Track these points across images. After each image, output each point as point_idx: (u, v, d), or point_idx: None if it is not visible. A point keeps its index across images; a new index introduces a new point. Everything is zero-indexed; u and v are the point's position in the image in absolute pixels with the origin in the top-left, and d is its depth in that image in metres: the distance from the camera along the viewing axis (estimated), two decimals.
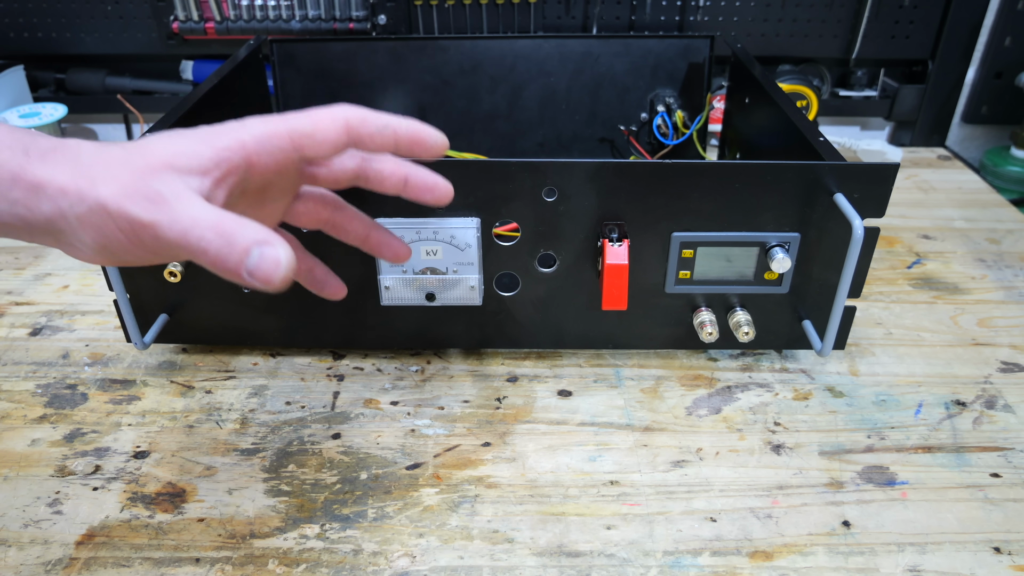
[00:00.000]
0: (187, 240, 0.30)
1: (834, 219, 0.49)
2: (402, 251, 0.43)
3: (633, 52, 0.78)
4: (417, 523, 0.44)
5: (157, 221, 0.30)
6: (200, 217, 0.30)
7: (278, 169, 0.34)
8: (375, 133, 0.35)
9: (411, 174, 0.39)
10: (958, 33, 0.92)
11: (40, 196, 0.30)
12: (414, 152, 0.36)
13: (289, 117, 0.34)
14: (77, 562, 0.41)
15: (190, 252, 0.30)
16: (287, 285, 0.30)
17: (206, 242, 0.29)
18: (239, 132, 0.33)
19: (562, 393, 0.54)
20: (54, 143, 0.31)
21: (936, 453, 0.49)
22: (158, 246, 0.30)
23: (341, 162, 0.39)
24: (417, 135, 0.36)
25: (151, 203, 0.30)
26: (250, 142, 0.33)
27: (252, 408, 0.53)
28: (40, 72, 0.98)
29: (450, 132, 0.86)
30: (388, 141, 0.35)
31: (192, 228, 0.30)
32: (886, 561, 0.41)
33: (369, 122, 0.35)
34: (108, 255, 0.31)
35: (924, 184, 0.87)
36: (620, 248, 0.48)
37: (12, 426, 0.51)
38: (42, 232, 0.31)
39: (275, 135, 0.33)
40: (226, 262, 0.29)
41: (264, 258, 0.29)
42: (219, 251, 0.29)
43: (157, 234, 0.30)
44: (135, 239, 0.30)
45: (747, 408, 0.53)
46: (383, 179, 0.39)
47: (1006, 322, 0.62)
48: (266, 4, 0.89)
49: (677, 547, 0.42)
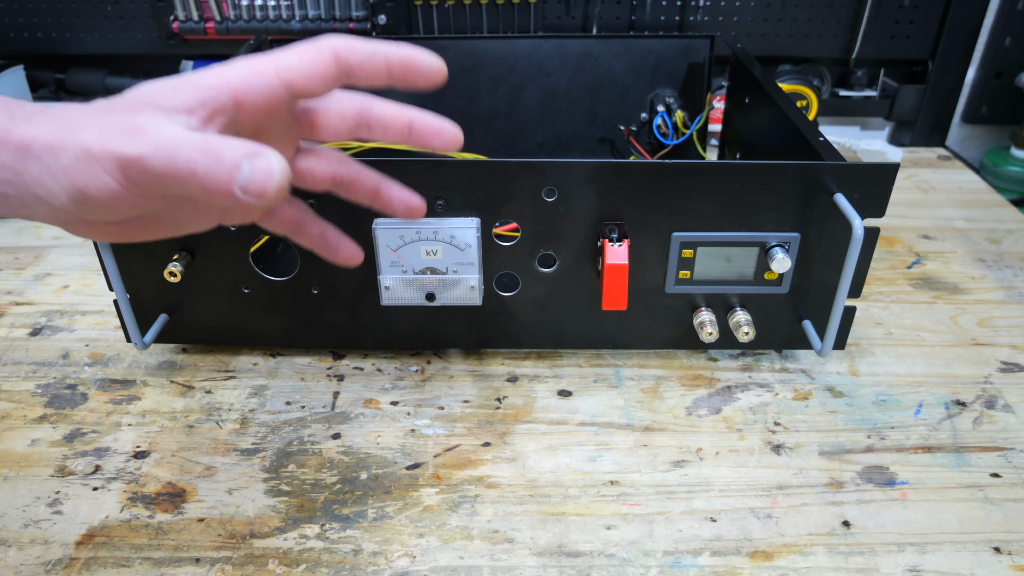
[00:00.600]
0: (174, 165, 0.28)
1: (834, 219, 0.49)
2: (415, 203, 0.40)
3: (633, 52, 0.78)
4: (417, 523, 0.44)
5: (141, 152, 0.28)
6: (184, 139, 0.28)
7: (268, 108, 0.33)
8: (365, 61, 0.33)
9: (415, 118, 0.36)
10: (958, 33, 0.92)
11: (28, 157, 0.29)
12: (409, 80, 0.34)
13: (274, 53, 0.32)
14: (77, 562, 0.41)
15: (178, 178, 0.28)
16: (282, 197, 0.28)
17: (193, 163, 0.28)
18: (223, 71, 0.32)
19: (562, 393, 0.54)
20: (39, 106, 0.30)
21: (936, 453, 0.49)
22: (147, 183, 0.29)
23: (339, 107, 0.36)
24: (410, 59, 0.33)
25: (132, 136, 0.28)
26: (235, 79, 0.31)
27: (252, 408, 0.53)
28: (40, 72, 0.98)
29: None
30: (380, 68, 0.33)
31: (177, 151, 0.28)
32: (886, 561, 0.41)
33: (357, 49, 0.33)
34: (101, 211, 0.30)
35: (924, 184, 0.87)
36: (620, 248, 0.48)
37: (12, 426, 0.51)
38: (33, 199, 0.30)
39: (260, 71, 0.32)
40: (216, 180, 0.28)
41: (255, 170, 0.27)
42: (207, 169, 0.28)
43: (144, 167, 0.28)
44: (123, 179, 0.29)
45: (747, 408, 0.53)
46: (386, 125, 0.36)
47: (1006, 322, 0.62)
48: (266, 4, 0.89)
49: (677, 547, 0.42)
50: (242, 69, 0.31)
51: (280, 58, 0.32)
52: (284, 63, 0.32)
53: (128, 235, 0.33)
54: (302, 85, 0.32)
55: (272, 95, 0.32)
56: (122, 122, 0.29)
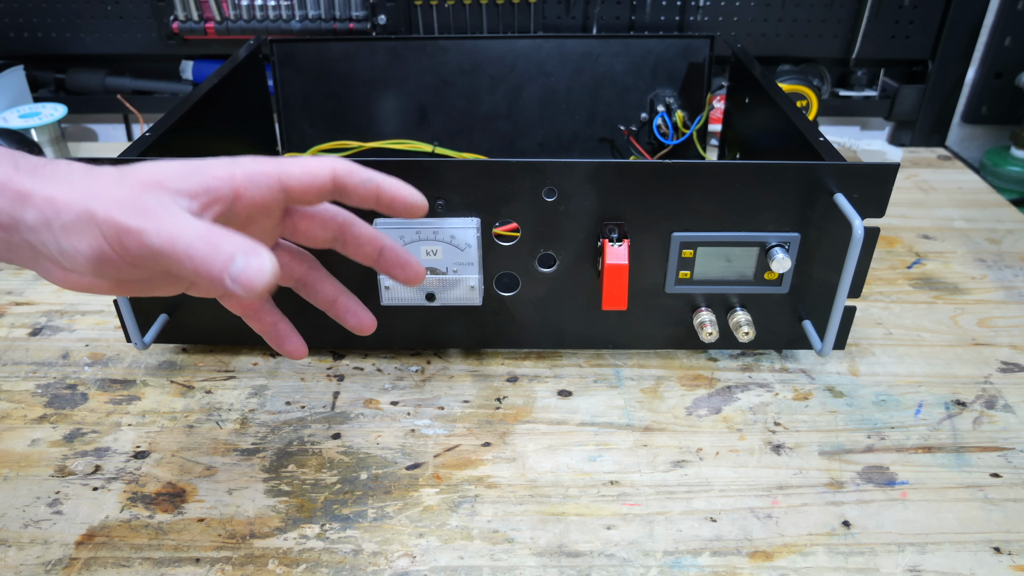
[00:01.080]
0: (173, 246, 0.30)
1: (834, 219, 0.49)
2: (366, 321, 0.43)
3: (633, 52, 0.78)
4: (417, 523, 0.44)
5: (143, 228, 0.30)
6: (187, 226, 0.31)
7: (263, 205, 0.35)
8: (359, 184, 0.36)
9: (387, 246, 0.40)
10: (958, 33, 0.92)
11: (26, 204, 0.31)
12: (394, 208, 0.37)
13: (280, 159, 0.35)
14: (77, 562, 0.41)
15: (175, 259, 0.30)
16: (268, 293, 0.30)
17: (192, 248, 0.30)
18: (231, 165, 0.34)
19: (562, 393, 0.54)
20: (44, 161, 0.33)
21: (936, 453, 0.49)
22: (141, 253, 0.31)
23: (323, 218, 0.39)
24: (399, 192, 0.37)
25: (139, 212, 0.31)
26: (240, 175, 0.34)
27: (252, 408, 0.53)
28: (40, 72, 0.98)
29: (450, 132, 0.87)
30: (371, 194, 0.37)
31: (180, 235, 0.30)
32: (886, 561, 0.41)
33: (355, 174, 0.36)
34: (86, 268, 0.32)
35: (924, 184, 0.87)
36: (620, 248, 0.48)
37: (12, 426, 0.51)
38: (20, 244, 0.32)
39: (264, 172, 0.35)
40: (210, 267, 0.30)
41: (249, 264, 0.30)
42: (204, 256, 0.30)
43: (143, 240, 0.30)
44: (119, 246, 0.31)
45: (747, 408, 0.53)
46: (359, 244, 0.40)
47: (1006, 322, 0.62)
48: (266, 4, 0.89)
49: (677, 547, 0.42)
50: (249, 167, 0.34)
51: (285, 165, 0.35)
52: (287, 171, 0.35)
53: (100, 289, 0.35)
54: (298, 193, 0.35)
55: (269, 195, 0.35)
56: (133, 198, 0.31)
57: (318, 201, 0.37)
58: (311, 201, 0.37)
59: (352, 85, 0.79)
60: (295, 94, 0.80)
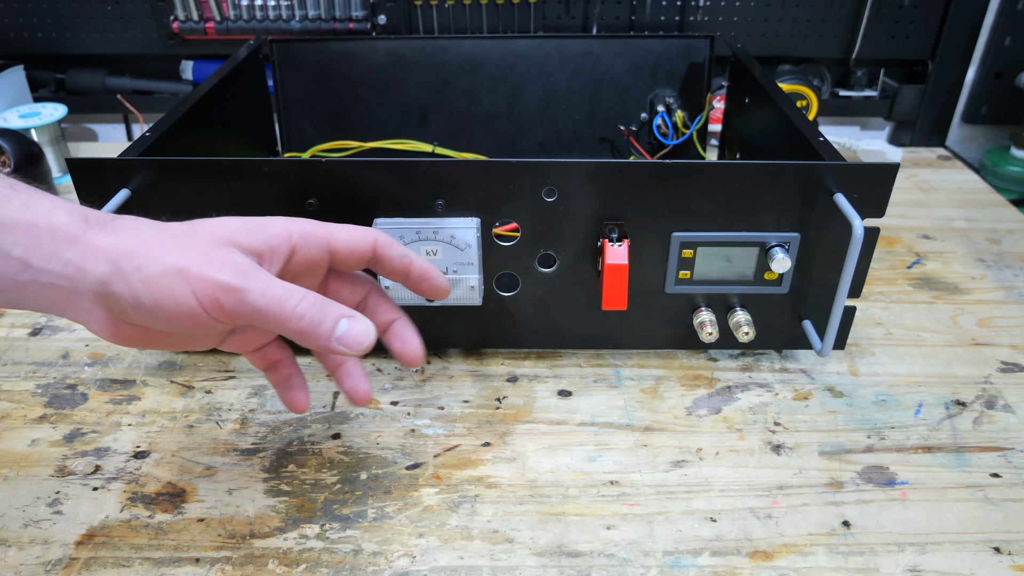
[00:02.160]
0: (282, 308, 0.33)
1: (834, 219, 0.49)
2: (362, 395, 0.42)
3: (633, 52, 0.78)
4: (417, 523, 0.44)
5: (247, 287, 0.33)
6: (292, 289, 0.34)
7: (310, 266, 0.38)
8: (395, 258, 0.40)
9: (399, 320, 0.43)
10: (958, 33, 0.92)
11: (99, 257, 0.32)
12: (420, 287, 0.41)
13: (330, 224, 0.38)
14: (77, 562, 0.41)
15: (280, 318, 0.33)
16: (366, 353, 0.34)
17: (302, 310, 0.33)
18: (288, 224, 0.37)
19: (562, 393, 0.54)
20: (112, 216, 0.34)
21: (936, 453, 0.49)
22: (237, 311, 0.33)
23: (352, 286, 0.42)
24: (428, 273, 0.41)
25: (240, 271, 0.33)
26: (296, 235, 0.37)
27: (252, 408, 0.53)
28: (40, 72, 0.98)
29: (450, 132, 0.87)
30: (403, 268, 0.40)
31: (287, 297, 0.33)
32: (886, 561, 0.41)
33: (394, 248, 0.40)
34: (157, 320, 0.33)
35: (924, 184, 0.87)
36: (620, 248, 0.48)
37: (12, 426, 0.51)
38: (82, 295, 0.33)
39: (317, 235, 0.37)
40: (318, 329, 0.33)
41: (353, 327, 0.34)
42: (313, 319, 0.33)
43: (244, 299, 0.33)
44: (212, 303, 0.32)
45: (747, 408, 0.53)
46: (377, 309, 0.43)
47: (1006, 322, 0.62)
48: (266, 4, 0.89)
49: (677, 547, 0.42)
50: (304, 228, 0.37)
51: (334, 230, 0.38)
52: (336, 235, 0.38)
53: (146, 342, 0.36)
54: (342, 256, 0.38)
55: (319, 256, 0.38)
56: (222, 256, 0.33)
57: (357, 267, 0.40)
58: (351, 266, 0.39)
59: (352, 85, 0.79)
60: (295, 94, 0.80)
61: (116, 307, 0.33)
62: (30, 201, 0.32)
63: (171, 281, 0.32)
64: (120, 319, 0.34)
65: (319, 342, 0.34)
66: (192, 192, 0.48)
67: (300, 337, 0.34)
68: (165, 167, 0.48)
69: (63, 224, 0.32)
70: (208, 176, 0.48)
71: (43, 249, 0.32)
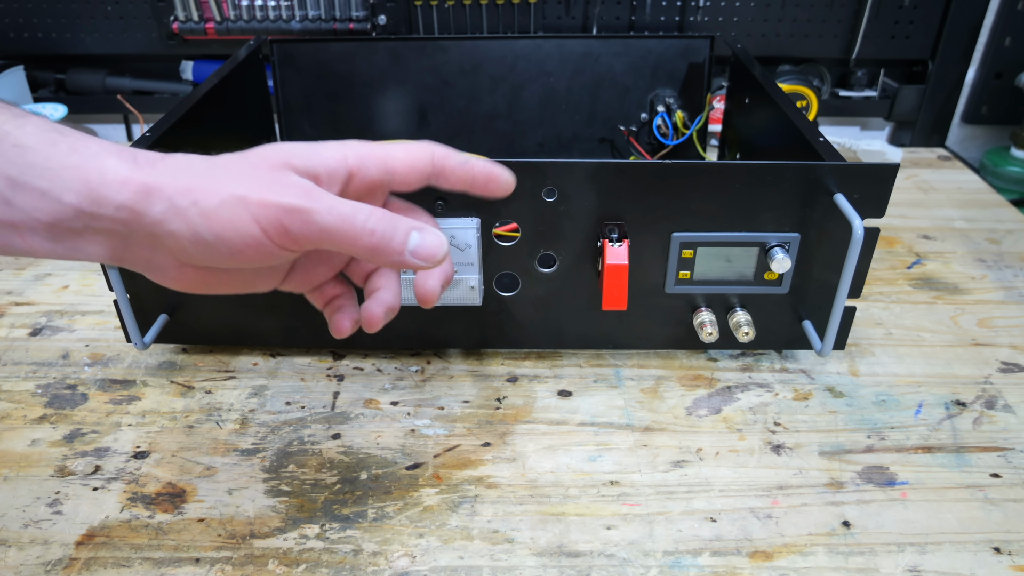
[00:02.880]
0: (352, 224, 0.32)
1: (834, 219, 0.49)
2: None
3: (633, 52, 0.78)
4: (417, 523, 0.44)
5: (312, 207, 0.31)
6: (358, 206, 0.32)
7: (369, 189, 0.36)
8: (456, 167, 0.38)
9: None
10: (958, 33, 0.92)
11: (152, 197, 0.31)
12: (488, 188, 0.39)
13: (384, 144, 0.36)
14: (77, 562, 0.41)
15: (350, 236, 0.32)
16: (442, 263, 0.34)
17: (372, 224, 0.32)
18: (343, 148, 0.35)
19: (562, 393, 0.54)
20: (162, 155, 0.33)
21: (936, 453, 0.49)
22: (304, 233, 0.31)
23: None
24: (491, 173, 0.39)
25: (303, 192, 0.32)
26: (352, 156, 0.35)
27: (252, 408, 0.53)
28: (40, 72, 0.98)
29: (450, 132, 0.87)
30: (466, 177, 0.38)
31: (356, 213, 0.32)
32: (886, 561, 0.41)
33: (452, 157, 0.38)
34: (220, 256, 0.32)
35: (924, 184, 0.87)
36: (620, 248, 0.48)
37: (12, 426, 0.51)
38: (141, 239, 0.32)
39: (372, 156, 0.36)
40: (391, 243, 0.32)
41: (425, 239, 0.33)
42: (384, 233, 0.32)
43: (311, 219, 0.31)
44: (277, 228, 0.31)
45: (747, 408, 0.53)
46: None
47: (1006, 322, 0.62)
48: (266, 4, 0.89)
49: (677, 547, 0.42)
50: (359, 149, 0.35)
51: (389, 148, 0.36)
52: (392, 154, 0.36)
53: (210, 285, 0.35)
54: (402, 175, 0.37)
55: (377, 177, 0.36)
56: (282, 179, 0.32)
57: (418, 185, 0.38)
58: (412, 184, 0.37)
59: (352, 85, 0.79)
60: (295, 94, 0.80)
61: (177, 247, 0.32)
62: (77, 144, 0.31)
63: (231, 212, 0.31)
64: (182, 261, 0.33)
65: (392, 256, 0.33)
66: None
67: (372, 253, 0.32)
68: None
69: (113, 166, 0.31)
70: None
71: (95, 193, 0.30)
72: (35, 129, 0.31)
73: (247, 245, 0.32)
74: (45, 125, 0.31)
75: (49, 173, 0.30)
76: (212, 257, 0.32)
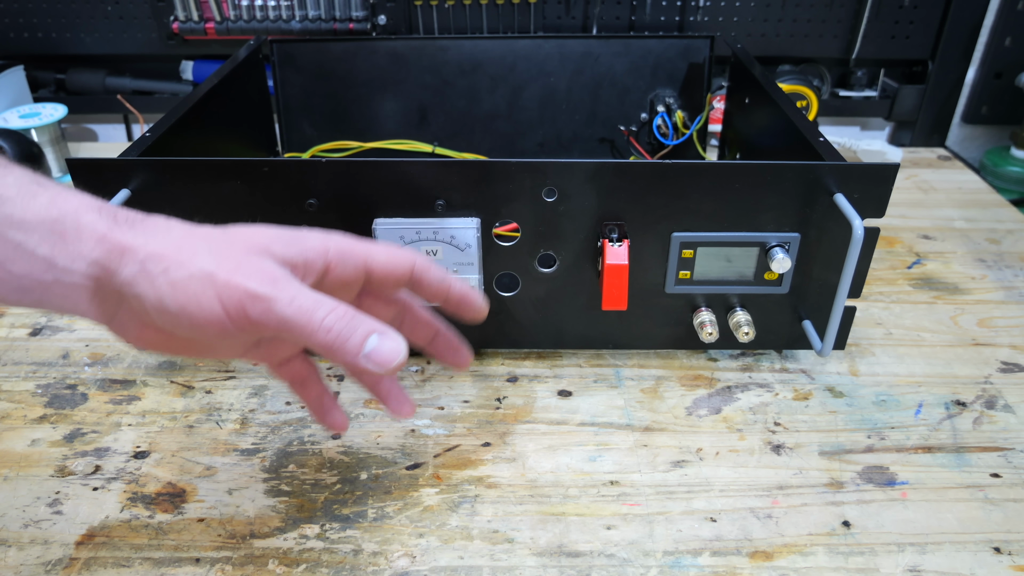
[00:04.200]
0: (309, 319, 0.31)
1: (834, 219, 0.49)
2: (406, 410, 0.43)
3: (633, 52, 0.78)
4: (417, 523, 0.44)
5: (275, 296, 0.31)
6: (321, 300, 0.32)
7: (344, 284, 0.36)
8: (434, 282, 0.38)
9: (441, 331, 0.42)
10: (958, 33, 0.92)
11: (125, 258, 0.31)
12: (459, 310, 0.40)
13: (368, 243, 0.37)
14: (77, 562, 0.41)
15: (306, 330, 0.31)
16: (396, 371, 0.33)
17: (330, 322, 0.31)
18: (325, 240, 0.36)
19: (562, 393, 0.54)
20: (142, 216, 0.33)
21: (936, 453, 0.49)
22: (263, 320, 0.32)
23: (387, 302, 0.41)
24: (467, 297, 0.40)
25: (269, 280, 0.32)
26: (333, 251, 0.35)
27: (252, 408, 0.53)
28: (40, 72, 0.98)
29: (450, 132, 0.87)
30: (441, 292, 0.39)
31: (316, 308, 0.32)
32: (886, 561, 0.41)
33: (432, 272, 0.38)
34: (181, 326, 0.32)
35: (924, 184, 0.87)
36: (620, 248, 0.48)
37: (12, 426, 0.51)
38: (108, 295, 0.32)
39: (353, 253, 0.36)
40: (346, 344, 0.32)
41: (383, 344, 0.32)
42: (341, 332, 0.32)
43: (271, 308, 0.31)
44: (238, 311, 0.31)
45: (747, 408, 0.53)
46: (415, 327, 0.42)
47: (1006, 322, 0.62)
48: (266, 4, 0.89)
49: (677, 547, 0.42)
50: (341, 245, 0.36)
51: (372, 250, 0.37)
52: (373, 255, 0.37)
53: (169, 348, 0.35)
54: (379, 277, 0.37)
55: (354, 274, 0.36)
56: (253, 264, 0.32)
57: (394, 289, 0.39)
58: (387, 288, 0.38)
59: (352, 85, 0.79)
60: (295, 94, 0.80)
61: (141, 310, 0.32)
62: (57, 198, 0.31)
63: (198, 286, 0.31)
64: (145, 323, 0.33)
65: (347, 358, 0.32)
66: (192, 192, 0.48)
67: (327, 351, 0.32)
68: (165, 167, 0.48)
69: (91, 222, 0.31)
70: (208, 176, 0.48)
71: (69, 248, 0.31)
72: (15, 181, 0.31)
73: (208, 321, 0.32)
74: (25, 178, 0.31)
75: (25, 225, 0.30)
76: (173, 325, 0.32)
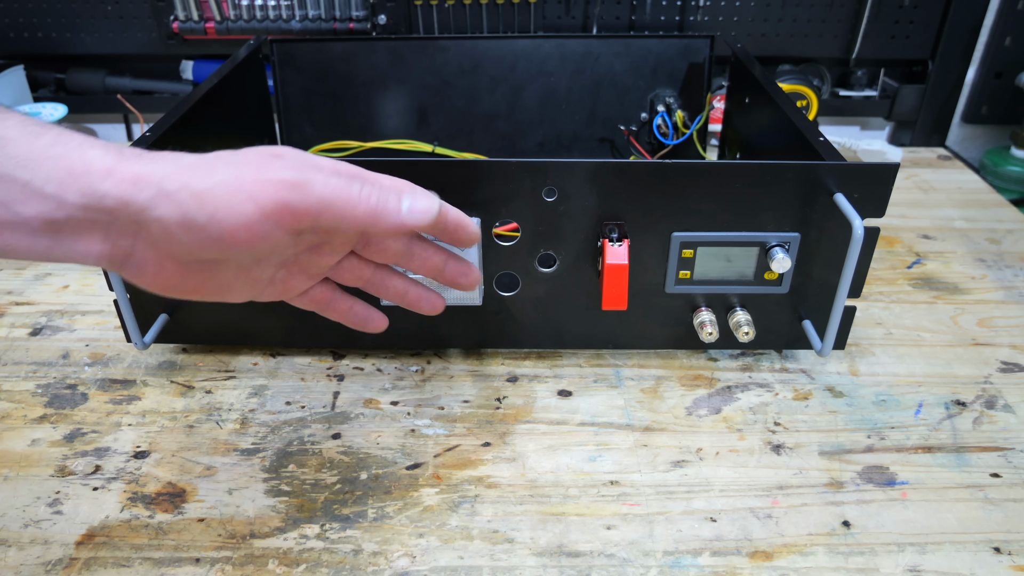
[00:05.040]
0: (348, 192, 0.32)
1: (834, 219, 0.49)
2: (438, 303, 0.44)
3: (633, 52, 0.78)
4: (417, 523, 0.44)
5: (311, 179, 0.31)
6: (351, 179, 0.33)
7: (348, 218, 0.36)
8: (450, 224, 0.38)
9: (451, 256, 0.42)
10: (958, 33, 0.92)
11: (139, 184, 0.30)
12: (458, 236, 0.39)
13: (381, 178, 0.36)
14: (77, 562, 0.41)
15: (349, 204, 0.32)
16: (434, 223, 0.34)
17: (367, 191, 0.33)
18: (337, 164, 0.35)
19: (562, 393, 0.54)
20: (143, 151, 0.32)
21: (936, 453, 0.49)
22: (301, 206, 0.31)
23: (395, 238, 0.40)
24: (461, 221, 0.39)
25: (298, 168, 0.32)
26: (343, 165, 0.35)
27: (252, 408, 0.53)
28: (40, 72, 0.98)
29: (450, 132, 0.87)
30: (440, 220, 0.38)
31: (350, 184, 0.32)
32: (886, 561, 0.41)
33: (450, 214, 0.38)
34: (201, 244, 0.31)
35: (924, 184, 0.87)
36: (620, 248, 0.48)
37: (12, 426, 0.51)
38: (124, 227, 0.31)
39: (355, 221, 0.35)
40: (387, 206, 0.33)
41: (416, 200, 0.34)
42: (380, 198, 0.33)
43: (310, 190, 0.31)
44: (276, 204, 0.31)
45: (747, 408, 0.53)
46: (426, 258, 0.41)
47: (1006, 322, 0.62)
48: (266, 4, 0.89)
49: (677, 547, 0.42)
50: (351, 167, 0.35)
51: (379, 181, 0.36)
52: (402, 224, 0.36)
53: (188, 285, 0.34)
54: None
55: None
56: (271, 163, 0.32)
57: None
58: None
59: (352, 85, 0.79)
60: (295, 94, 0.80)
61: (162, 235, 0.31)
62: (60, 136, 0.30)
63: (226, 191, 0.30)
64: (164, 254, 0.32)
65: (390, 219, 0.33)
66: None
67: (371, 218, 0.33)
68: None
69: (97, 156, 0.30)
70: None
71: (77, 182, 0.29)
72: (17, 123, 0.30)
73: (241, 225, 0.31)
74: (27, 120, 0.31)
75: (31, 164, 0.29)
76: (200, 243, 0.31)
